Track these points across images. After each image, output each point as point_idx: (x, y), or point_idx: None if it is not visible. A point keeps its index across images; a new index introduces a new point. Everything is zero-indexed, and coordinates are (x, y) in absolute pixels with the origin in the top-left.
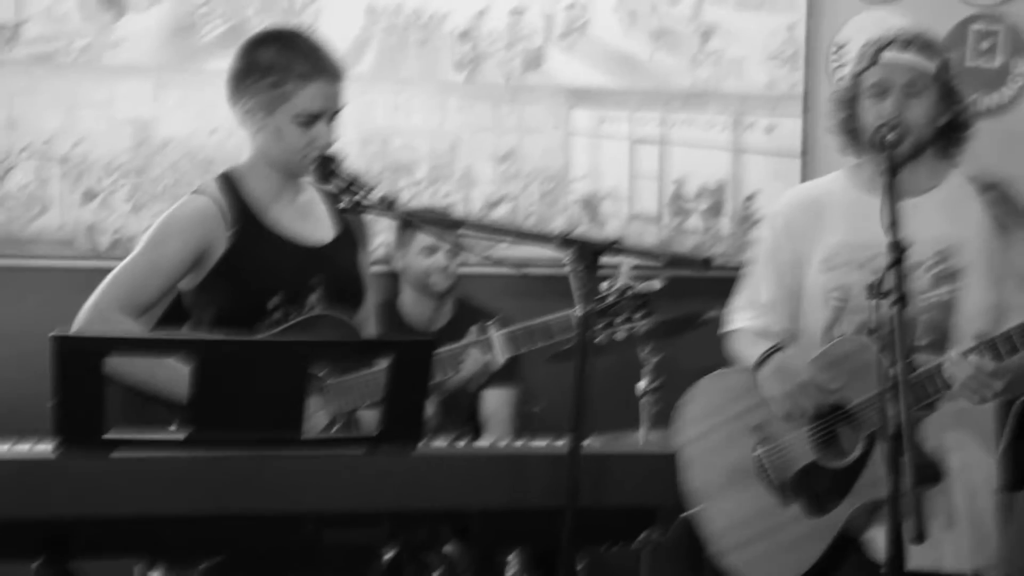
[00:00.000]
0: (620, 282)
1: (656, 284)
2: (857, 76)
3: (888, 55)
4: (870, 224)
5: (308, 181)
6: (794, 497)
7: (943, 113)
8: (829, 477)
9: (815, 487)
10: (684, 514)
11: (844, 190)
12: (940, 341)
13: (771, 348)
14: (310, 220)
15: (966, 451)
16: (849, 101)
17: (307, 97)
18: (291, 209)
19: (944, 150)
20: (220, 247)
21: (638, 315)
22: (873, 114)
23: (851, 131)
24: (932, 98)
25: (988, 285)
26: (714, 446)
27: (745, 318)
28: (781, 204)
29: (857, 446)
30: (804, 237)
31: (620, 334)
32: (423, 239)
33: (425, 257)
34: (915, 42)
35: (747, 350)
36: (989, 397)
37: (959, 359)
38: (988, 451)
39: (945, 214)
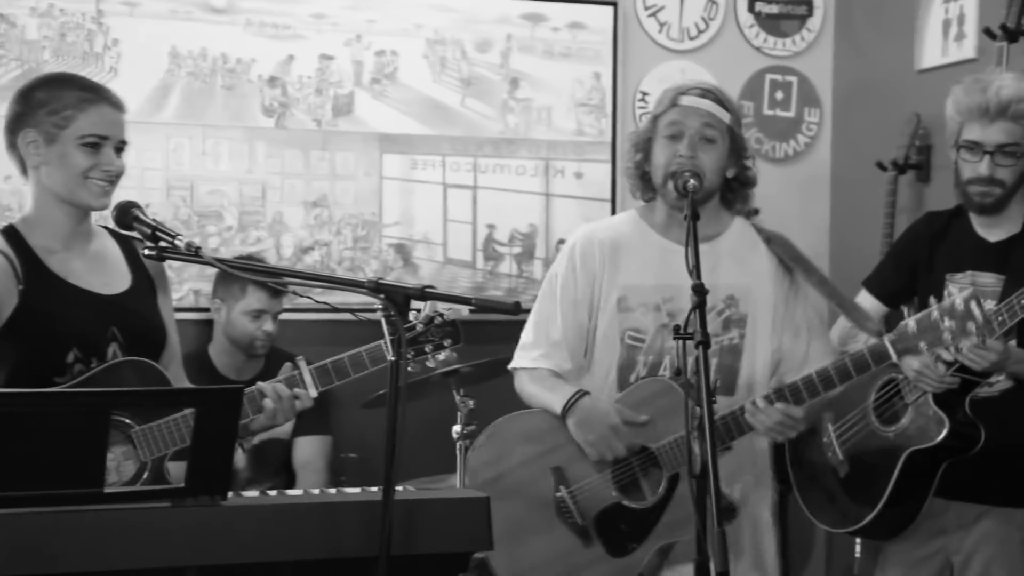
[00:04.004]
0: (427, 310)
1: (463, 311)
2: (654, 120)
3: (686, 99)
4: (664, 267)
5: (98, 227)
6: (596, 538)
7: (732, 165)
8: (631, 518)
9: (617, 528)
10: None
11: (637, 232)
12: (730, 383)
13: (576, 394)
14: (103, 269)
15: (747, 487)
16: (644, 143)
17: (88, 120)
18: (82, 259)
19: (729, 201)
20: (11, 303)
21: (447, 342)
22: (667, 155)
23: (643, 174)
24: (723, 149)
25: (770, 332)
26: (510, 488)
27: (534, 356)
28: (575, 241)
29: (659, 488)
30: (598, 277)
31: (430, 361)
32: (250, 301)
33: (251, 320)
34: (713, 92)
35: (544, 394)
36: (792, 436)
37: (765, 405)
38: (764, 485)
39: (732, 261)
